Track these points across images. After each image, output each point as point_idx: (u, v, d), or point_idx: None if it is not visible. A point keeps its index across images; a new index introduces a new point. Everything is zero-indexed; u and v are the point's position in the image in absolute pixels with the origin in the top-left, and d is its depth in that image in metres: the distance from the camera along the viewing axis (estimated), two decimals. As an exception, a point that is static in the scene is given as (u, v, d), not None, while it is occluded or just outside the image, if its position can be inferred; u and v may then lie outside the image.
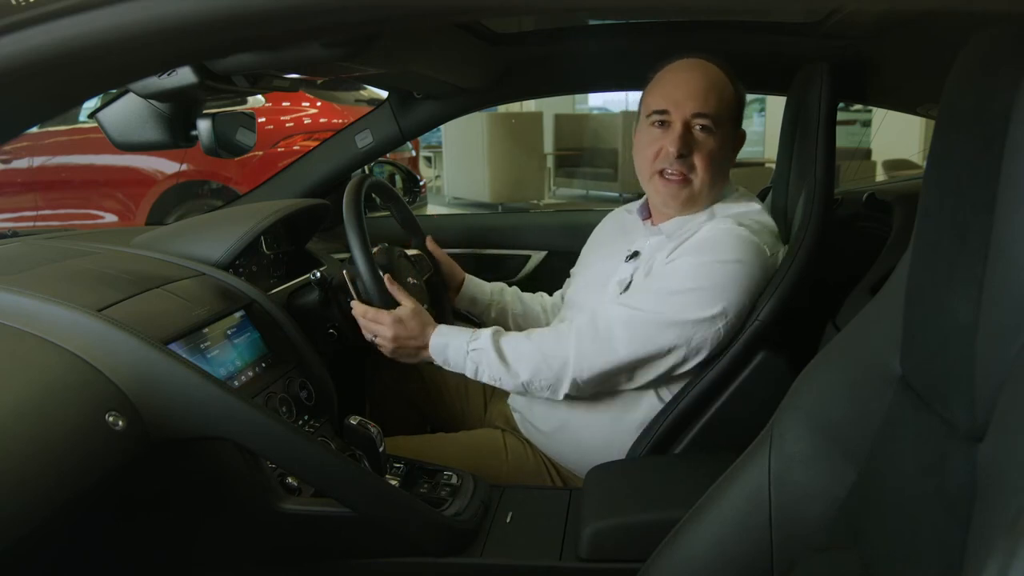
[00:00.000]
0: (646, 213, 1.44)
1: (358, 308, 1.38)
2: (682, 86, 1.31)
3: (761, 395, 1.11)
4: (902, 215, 1.61)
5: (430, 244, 1.66)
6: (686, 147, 1.29)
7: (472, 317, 1.72)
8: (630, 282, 1.36)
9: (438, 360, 1.36)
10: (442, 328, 1.37)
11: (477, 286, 1.70)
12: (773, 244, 1.32)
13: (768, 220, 1.35)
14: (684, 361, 1.27)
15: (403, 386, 1.72)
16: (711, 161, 1.31)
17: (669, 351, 1.26)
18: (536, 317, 1.69)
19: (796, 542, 0.77)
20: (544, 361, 1.29)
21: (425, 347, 1.36)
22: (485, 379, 1.34)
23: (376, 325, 1.36)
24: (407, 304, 1.37)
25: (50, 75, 0.58)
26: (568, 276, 1.64)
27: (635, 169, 1.40)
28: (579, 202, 8.79)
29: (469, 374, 1.34)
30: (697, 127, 1.30)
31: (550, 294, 1.73)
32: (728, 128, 1.33)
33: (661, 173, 1.32)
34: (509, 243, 2.08)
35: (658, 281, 1.29)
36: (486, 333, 1.34)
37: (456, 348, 1.34)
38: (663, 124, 1.31)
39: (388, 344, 1.36)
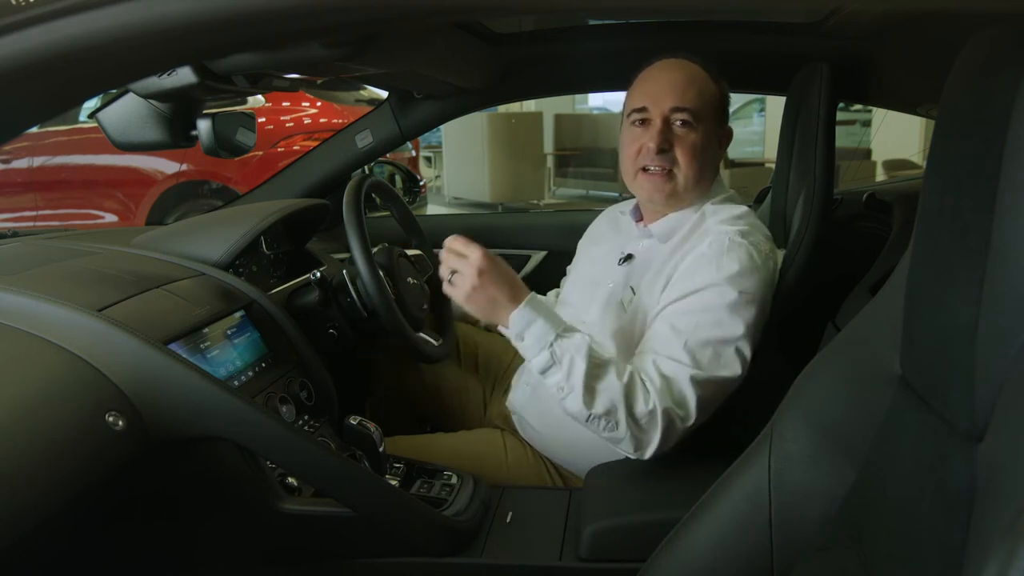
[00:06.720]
0: (638, 215, 1.44)
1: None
2: (659, 83, 1.31)
3: (761, 395, 1.11)
4: (902, 215, 1.62)
5: None
6: (666, 142, 1.29)
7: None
8: (633, 295, 1.33)
9: (512, 331, 1.18)
10: (536, 300, 1.20)
11: None
12: (771, 247, 1.31)
13: (759, 223, 1.34)
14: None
15: (403, 386, 1.72)
16: (694, 155, 1.29)
17: (729, 385, 1.24)
18: None
19: (796, 542, 0.77)
20: (623, 408, 1.15)
21: (510, 304, 1.18)
22: (550, 381, 1.17)
23: (460, 258, 1.18)
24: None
25: (50, 75, 0.58)
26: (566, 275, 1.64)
27: (621, 172, 1.38)
28: (579, 202, 8.79)
29: (536, 366, 1.18)
30: (677, 122, 1.29)
31: (543, 294, 1.73)
32: (710, 123, 1.32)
33: (644, 169, 1.32)
34: (509, 243, 2.08)
35: (690, 328, 1.21)
36: (581, 337, 1.18)
37: (540, 330, 1.17)
38: (643, 122, 1.31)
39: (469, 281, 1.17)
